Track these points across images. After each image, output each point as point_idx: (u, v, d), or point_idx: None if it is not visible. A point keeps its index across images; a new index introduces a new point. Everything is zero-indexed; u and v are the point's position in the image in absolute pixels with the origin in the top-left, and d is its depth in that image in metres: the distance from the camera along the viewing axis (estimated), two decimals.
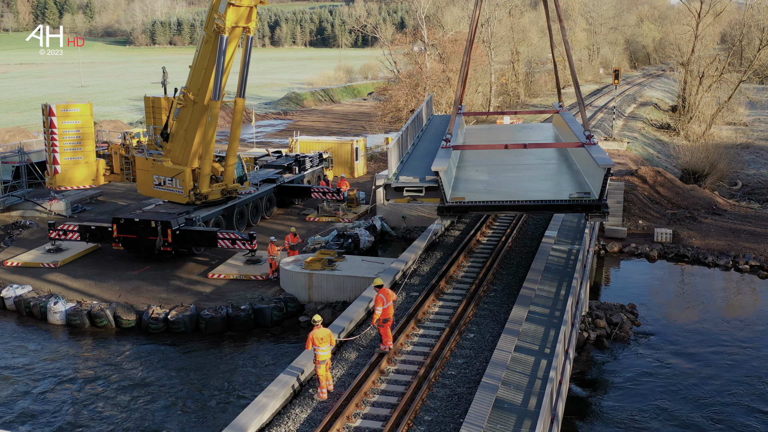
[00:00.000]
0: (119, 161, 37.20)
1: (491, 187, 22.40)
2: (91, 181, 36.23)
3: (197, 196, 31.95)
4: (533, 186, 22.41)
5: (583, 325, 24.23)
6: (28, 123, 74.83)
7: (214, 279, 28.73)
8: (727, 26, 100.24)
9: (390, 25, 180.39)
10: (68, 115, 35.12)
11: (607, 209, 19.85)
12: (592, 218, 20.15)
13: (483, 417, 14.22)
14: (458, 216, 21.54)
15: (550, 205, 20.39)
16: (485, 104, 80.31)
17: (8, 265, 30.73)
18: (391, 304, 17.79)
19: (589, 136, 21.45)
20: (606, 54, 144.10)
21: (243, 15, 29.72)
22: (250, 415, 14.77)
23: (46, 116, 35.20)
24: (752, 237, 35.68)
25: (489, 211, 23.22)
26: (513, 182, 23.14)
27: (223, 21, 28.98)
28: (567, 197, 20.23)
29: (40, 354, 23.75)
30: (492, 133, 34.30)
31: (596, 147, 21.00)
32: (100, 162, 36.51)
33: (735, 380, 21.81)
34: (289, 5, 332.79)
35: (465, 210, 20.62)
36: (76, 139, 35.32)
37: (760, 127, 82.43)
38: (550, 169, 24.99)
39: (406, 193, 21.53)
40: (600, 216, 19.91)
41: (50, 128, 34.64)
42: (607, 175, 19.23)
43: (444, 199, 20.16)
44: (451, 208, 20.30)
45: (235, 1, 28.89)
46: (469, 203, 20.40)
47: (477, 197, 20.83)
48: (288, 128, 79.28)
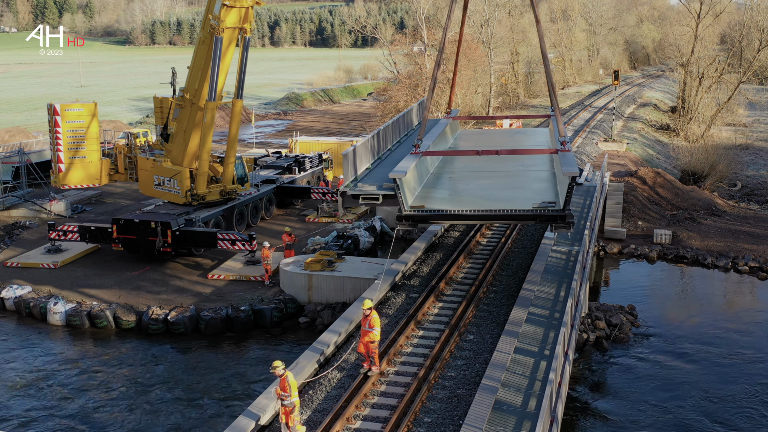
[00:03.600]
0: (123, 161, 37.31)
1: (460, 195, 21.59)
2: (95, 180, 36.28)
3: (194, 197, 31.93)
4: (504, 194, 21.55)
5: (582, 327, 24.25)
6: (27, 123, 74.88)
7: (214, 280, 28.74)
8: (727, 27, 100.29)
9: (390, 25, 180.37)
10: (73, 114, 35.20)
11: (572, 220, 18.73)
12: (556, 229, 19.02)
13: (483, 418, 14.24)
14: (417, 224, 20.72)
15: (512, 215, 19.46)
16: (485, 105, 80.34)
17: (8, 265, 30.73)
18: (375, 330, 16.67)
19: (563, 143, 20.40)
20: (606, 54, 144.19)
21: (238, 16, 29.52)
22: (251, 416, 14.80)
23: (51, 116, 35.29)
24: (751, 238, 35.71)
25: (449, 220, 21.71)
26: (484, 190, 22.19)
27: (218, 22, 28.91)
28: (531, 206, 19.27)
29: (40, 354, 23.75)
30: (484, 138, 34.05)
31: (568, 154, 19.98)
32: (105, 161, 36.63)
33: (734, 381, 21.84)
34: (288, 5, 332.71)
35: (424, 219, 19.76)
36: (80, 138, 35.40)
37: (760, 128, 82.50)
38: (529, 177, 23.93)
39: (362, 200, 20.69)
40: (564, 227, 18.81)
41: (55, 127, 34.70)
42: (571, 184, 18.25)
43: (402, 207, 19.38)
44: (410, 217, 19.47)
45: (229, 2, 28.75)
46: (428, 212, 19.56)
47: (442, 205, 19.97)
48: (288, 128, 79.31)
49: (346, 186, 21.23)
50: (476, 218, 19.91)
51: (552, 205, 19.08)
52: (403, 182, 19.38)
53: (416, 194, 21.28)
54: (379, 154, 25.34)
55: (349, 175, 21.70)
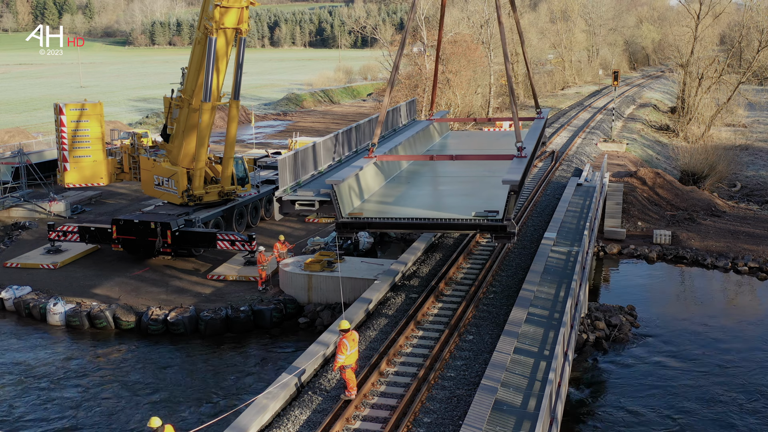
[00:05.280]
0: (128, 161, 37.45)
1: (407, 201, 20.89)
2: (100, 179, 36.38)
3: (190, 198, 31.90)
4: (452, 202, 20.90)
5: (582, 327, 24.26)
6: (27, 123, 74.84)
7: (214, 280, 28.73)
8: (726, 28, 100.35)
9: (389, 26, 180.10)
10: (78, 114, 35.34)
11: (513, 231, 17.81)
12: (497, 240, 18.20)
13: (482, 419, 14.24)
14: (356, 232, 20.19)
15: (450, 224, 18.71)
16: (484, 105, 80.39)
17: (8, 266, 30.73)
18: (356, 350, 15.94)
19: (520, 149, 19.97)
20: (605, 55, 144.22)
21: (232, 16, 29.38)
22: (251, 417, 14.80)
23: (56, 115, 35.46)
24: (751, 238, 35.71)
25: (387, 228, 21.00)
26: (436, 197, 21.50)
27: (211, 22, 28.89)
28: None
29: (40, 355, 23.75)
30: (470, 139, 33.89)
31: (518, 161, 19.45)
32: (111, 161, 36.73)
33: (734, 382, 21.85)
34: (288, 6, 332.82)
35: (362, 227, 19.07)
36: (86, 138, 35.55)
37: (759, 129, 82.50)
38: (489, 183, 23.00)
39: (298, 207, 20.13)
40: (505, 238, 17.95)
41: (60, 127, 34.84)
42: (510, 194, 17.55)
43: (338, 214, 18.81)
44: (347, 225, 18.84)
45: (221, 2, 28.68)
46: (366, 220, 18.89)
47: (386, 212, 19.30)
48: (287, 129, 79.28)
49: (284, 191, 20.59)
50: (414, 227, 19.05)
51: (494, 214, 18.14)
52: (341, 189, 18.74)
53: (365, 199, 20.56)
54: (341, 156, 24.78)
55: (288, 180, 20.98)
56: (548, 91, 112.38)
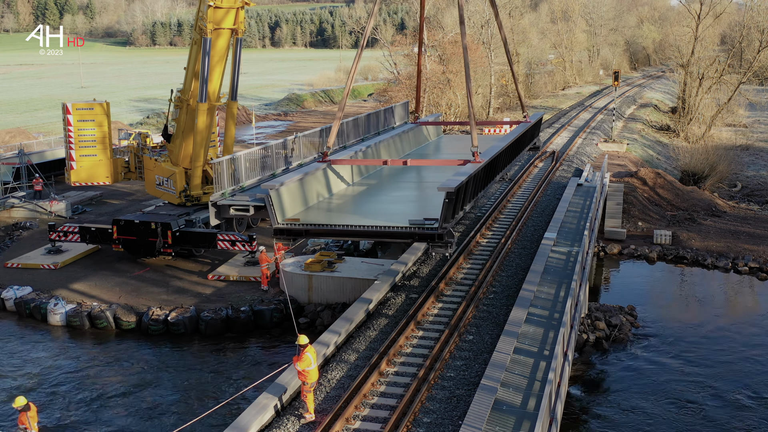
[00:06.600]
0: (134, 160, 37.57)
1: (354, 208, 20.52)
2: (106, 178, 36.48)
3: (187, 198, 31.91)
4: (401, 209, 20.39)
5: (582, 327, 24.27)
6: (28, 124, 74.92)
7: (214, 280, 28.76)
8: (727, 28, 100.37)
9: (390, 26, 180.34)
10: (85, 113, 35.45)
11: (452, 239, 17.39)
12: (433, 249, 17.78)
13: (482, 418, 14.25)
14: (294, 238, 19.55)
15: (387, 232, 18.34)
16: (485, 105, 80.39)
17: (9, 266, 30.76)
18: (316, 367, 15.30)
19: (474, 153, 19.58)
20: (606, 55, 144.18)
21: (227, 17, 29.33)
22: (251, 416, 14.81)
23: (64, 114, 35.62)
24: (751, 239, 35.72)
25: (323, 236, 20.84)
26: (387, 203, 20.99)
27: (206, 23, 28.88)
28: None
29: (40, 355, 23.78)
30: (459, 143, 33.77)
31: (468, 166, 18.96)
32: (118, 160, 36.83)
33: (734, 382, 21.85)
34: (289, 6, 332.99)
35: (298, 234, 18.79)
36: (92, 137, 35.66)
37: (760, 129, 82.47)
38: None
39: (233, 212, 19.72)
40: (441, 247, 17.55)
41: (67, 126, 34.98)
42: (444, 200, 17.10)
43: (274, 220, 18.54)
44: (283, 231, 18.59)
45: (215, 3, 28.64)
46: (302, 226, 18.62)
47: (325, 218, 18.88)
48: (288, 129, 79.34)
49: (221, 195, 20.16)
50: (349, 234, 18.71)
51: (433, 222, 17.68)
52: (280, 193, 18.43)
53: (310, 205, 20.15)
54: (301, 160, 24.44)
55: (226, 185, 20.55)
56: (549, 92, 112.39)
